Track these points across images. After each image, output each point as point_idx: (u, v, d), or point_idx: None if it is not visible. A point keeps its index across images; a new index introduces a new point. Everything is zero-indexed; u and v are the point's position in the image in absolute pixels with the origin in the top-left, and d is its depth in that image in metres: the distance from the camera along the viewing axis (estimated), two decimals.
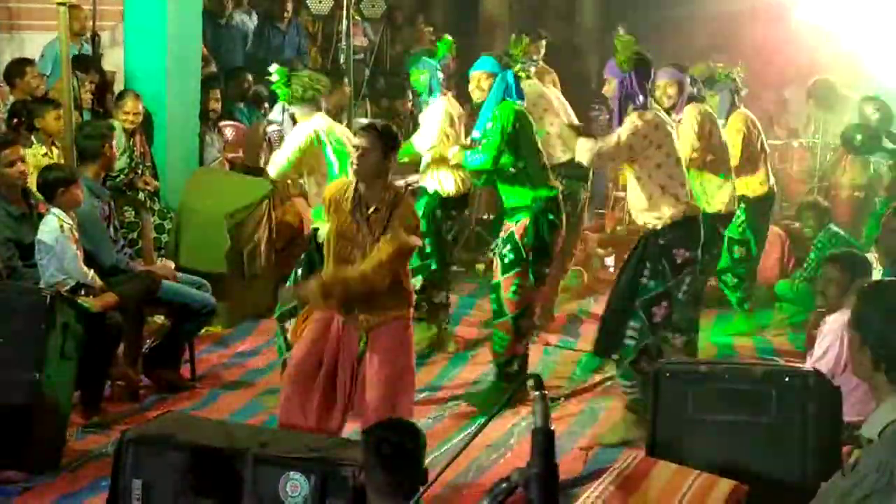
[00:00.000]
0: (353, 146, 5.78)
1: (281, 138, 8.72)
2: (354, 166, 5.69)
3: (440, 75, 8.43)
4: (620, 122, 6.66)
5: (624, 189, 10.16)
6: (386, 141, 5.69)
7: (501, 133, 7.08)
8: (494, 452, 6.54)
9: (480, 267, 10.69)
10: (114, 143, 7.29)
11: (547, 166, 7.41)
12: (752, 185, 8.82)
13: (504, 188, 7.29)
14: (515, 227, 7.19)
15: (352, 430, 5.94)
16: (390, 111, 12.16)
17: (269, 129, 9.53)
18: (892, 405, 3.26)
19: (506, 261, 7.20)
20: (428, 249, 8.21)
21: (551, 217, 7.20)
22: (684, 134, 7.73)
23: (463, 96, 8.46)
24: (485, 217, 11.34)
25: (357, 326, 5.82)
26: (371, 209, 5.69)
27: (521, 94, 7.33)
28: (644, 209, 6.69)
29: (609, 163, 6.80)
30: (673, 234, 6.65)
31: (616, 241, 11.20)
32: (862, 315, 3.35)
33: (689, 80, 7.66)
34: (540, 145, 7.41)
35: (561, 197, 7.34)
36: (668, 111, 7.13)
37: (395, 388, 5.77)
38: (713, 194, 8.06)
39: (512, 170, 7.18)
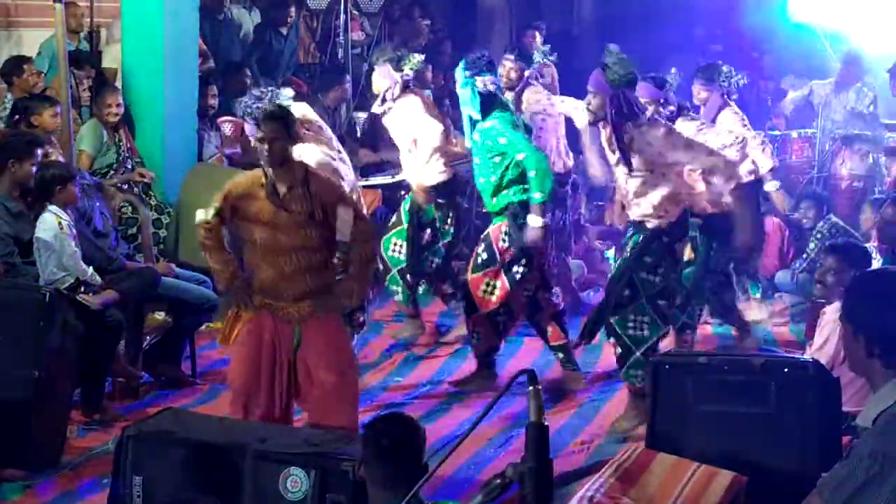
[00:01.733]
0: (259, 137, 5.85)
1: None
2: (265, 155, 5.78)
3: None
4: (619, 138, 6.58)
5: None
6: (290, 126, 5.82)
7: (523, 138, 7.24)
8: (493, 447, 6.55)
9: None
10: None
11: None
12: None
13: (483, 192, 7.47)
14: (492, 229, 7.37)
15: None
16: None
17: None
18: (886, 393, 3.27)
19: (477, 260, 7.39)
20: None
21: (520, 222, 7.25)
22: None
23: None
24: (485, 211, 11.33)
25: (290, 320, 5.89)
26: (285, 190, 5.78)
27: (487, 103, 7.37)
28: (648, 208, 6.69)
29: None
30: (675, 231, 6.73)
31: (616, 234, 11.19)
32: (854, 304, 3.37)
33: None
34: None
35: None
36: None
37: (341, 379, 5.90)
38: None
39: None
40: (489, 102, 7.26)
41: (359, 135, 11.29)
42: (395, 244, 8.41)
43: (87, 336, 6.43)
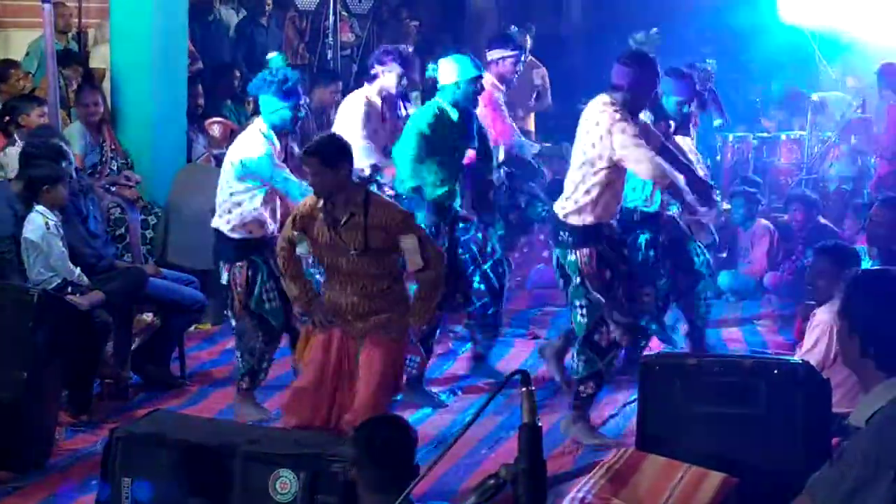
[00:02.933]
0: (306, 170, 5.91)
1: None
2: (313, 189, 5.83)
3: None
4: None
5: None
6: (328, 159, 5.72)
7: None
8: (486, 448, 6.54)
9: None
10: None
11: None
12: None
13: None
14: None
15: None
16: None
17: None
18: (879, 393, 3.27)
19: None
20: None
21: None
22: None
23: None
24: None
25: (355, 335, 5.89)
26: (344, 219, 5.74)
27: None
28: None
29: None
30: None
31: None
32: (851, 303, 3.37)
33: None
34: None
35: None
36: None
37: (381, 387, 5.83)
38: None
39: None
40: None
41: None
42: None
43: (75, 337, 6.41)
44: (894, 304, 3.28)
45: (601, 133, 6.36)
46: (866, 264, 7.00)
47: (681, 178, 6.54)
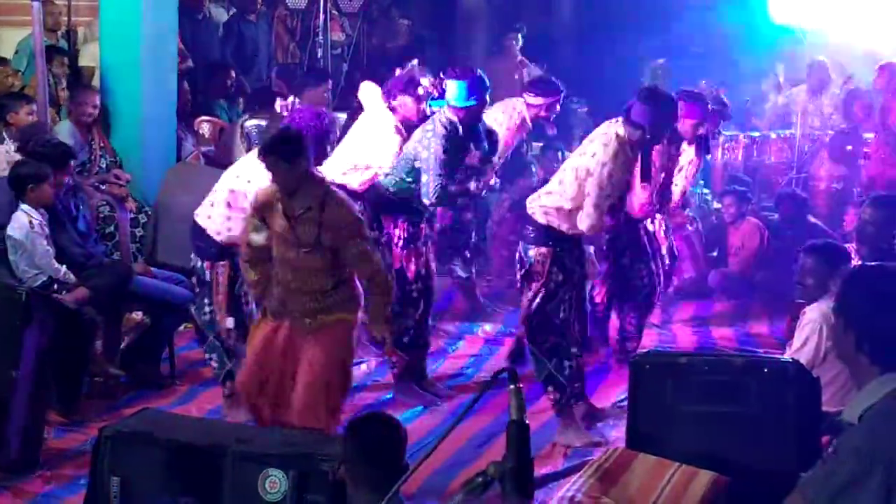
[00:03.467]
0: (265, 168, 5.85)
1: (261, 135, 8.65)
2: (279, 187, 5.81)
3: None
4: None
5: None
6: (285, 154, 5.71)
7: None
8: (475, 446, 6.53)
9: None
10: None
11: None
12: None
13: None
14: None
15: None
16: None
17: (248, 124, 9.47)
18: (873, 390, 3.27)
19: None
20: None
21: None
22: None
23: None
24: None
25: (302, 331, 5.90)
26: (300, 212, 5.75)
27: None
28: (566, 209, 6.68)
29: None
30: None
31: None
32: (846, 299, 3.37)
33: None
34: None
35: None
36: None
37: (322, 388, 5.86)
38: None
39: None
40: None
41: (338, 135, 11.22)
42: None
43: (63, 335, 6.39)
44: (889, 300, 3.28)
45: (593, 164, 6.50)
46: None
47: None
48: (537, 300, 6.68)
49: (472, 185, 7.43)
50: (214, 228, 6.70)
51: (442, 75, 7.48)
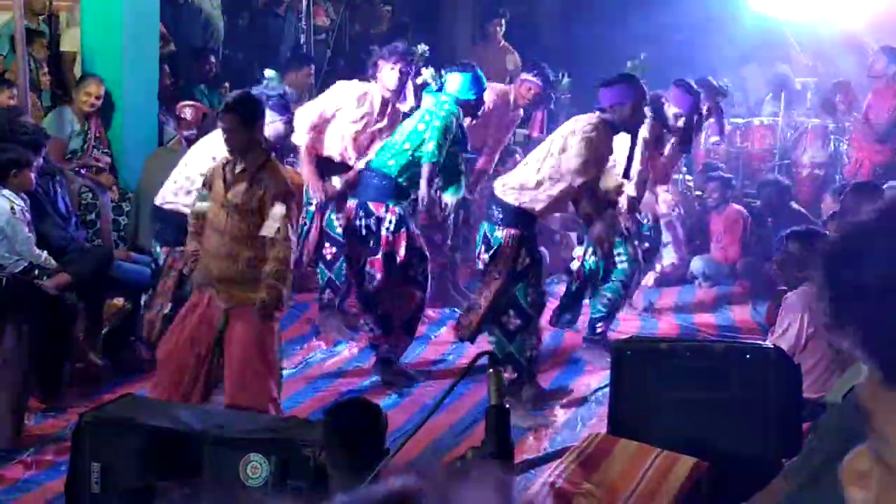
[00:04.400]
0: (220, 126, 6.02)
1: None
2: (227, 145, 5.95)
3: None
4: None
5: None
6: (247, 117, 5.88)
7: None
8: (456, 432, 6.54)
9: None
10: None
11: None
12: None
13: None
14: None
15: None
16: None
17: None
18: (857, 369, 3.28)
19: None
20: None
21: None
22: None
23: None
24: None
25: (221, 303, 5.97)
26: (239, 171, 5.89)
27: None
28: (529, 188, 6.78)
29: None
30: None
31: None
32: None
33: None
34: None
35: None
36: None
37: (250, 369, 5.91)
38: None
39: None
40: None
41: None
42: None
43: (44, 321, 6.37)
44: None
45: (567, 145, 6.65)
46: None
47: None
48: (502, 281, 6.72)
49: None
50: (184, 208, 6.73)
51: (443, 69, 7.56)
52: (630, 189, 7.46)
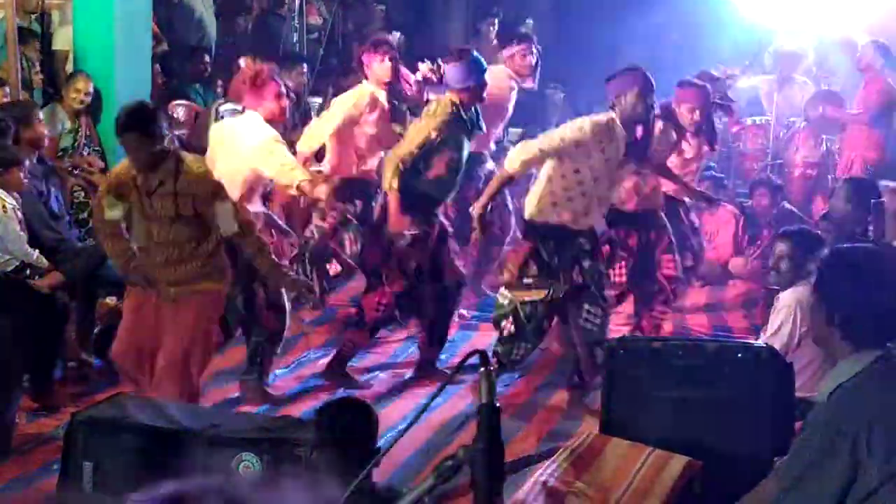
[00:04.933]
0: (123, 145, 5.91)
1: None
2: (133, 163, 5.88)
3: None
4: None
5: None
6: (147, 129, 5.77)
7: None
8: (448, 431, 6.54)
9: None
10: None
11: None
12: None
13: None
14: None
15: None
16: (343, 90, 12.07)
17: (223, 108, 9.42)
18: (842, 369, 3.30)
19: None
20: None
21: None
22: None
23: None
24: None
25: (169, 297, 6.00)
26: (157, 184, 5.82)
27: None
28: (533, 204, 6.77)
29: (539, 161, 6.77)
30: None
31: None
32: (823, 275, 3.42)
33: None
34: None
35: None
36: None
37: (182, 359, 5.97)
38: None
39: None
40: None
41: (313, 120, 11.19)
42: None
43: (35, 320, 6.36)
44: (863, 278, 3.32)
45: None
46: None
47: None
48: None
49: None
50: None
51: (440, 61, 7.54)
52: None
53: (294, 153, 7.41)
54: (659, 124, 7.45)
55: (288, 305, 7.05)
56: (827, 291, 3.37)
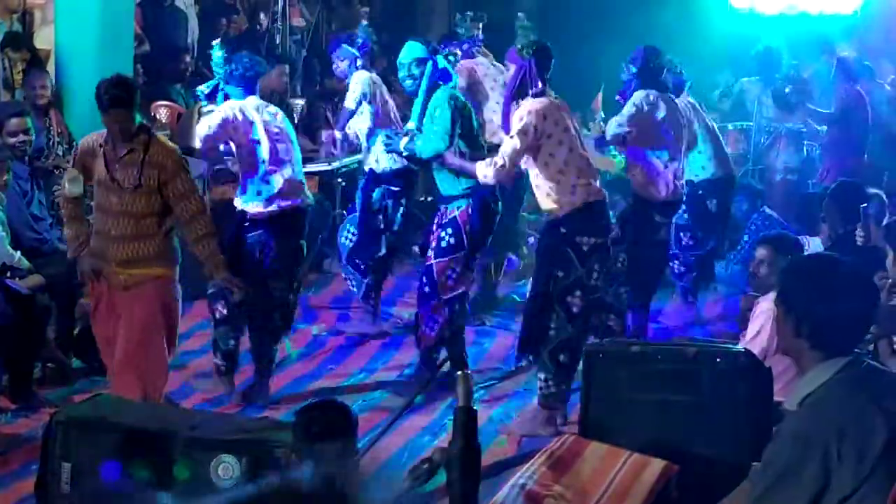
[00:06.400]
0: (105, 121, 5.96)
1: None
2: (122, 137, 5.91)
3: (360, 62, 8.35)
4: (508, 109, 6.60)
5: None
6: (132, 103, 5.89)
7: (451, 116, 6.93)
8: (429, 434, 6.54)
9: (416, 249, 10.63)
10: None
11: (485, 152, 7.17)
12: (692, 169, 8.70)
13: (441, 175, 7.10)
14: (458, 212, 7.03)
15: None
16: (326, 92, 12.09)
17: (205, 109, 9.41)
18: (811, 378, 3.32)
19: (443, 244, 7.03)
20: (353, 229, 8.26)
21: (492, 205, 7.10)
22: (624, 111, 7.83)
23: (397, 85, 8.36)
24: (422, 199, 11.27)
25: (121, 285, 6.00)
26: (123, 153, 5.89)
27: (450, 78, 7.22)
28: (544, 197, 6.64)
29: (514, 166, 6.62)
30: (573, 223, 6.55)
31: None
32: (786, 286, 3.44)
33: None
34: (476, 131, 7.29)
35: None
36: None
37: (139, 350, 5.98)
38: (653, 181, 7.86)
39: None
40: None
41: (296, 122, 11.19)
42: (349, 231, 8.38)
43: (15, 321, 6.34)
44: (826, 283, 3.34)
45: None
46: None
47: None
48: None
49: None
50: None
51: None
52: None
53: None
54: None
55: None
56: (792, 303, 3.38)
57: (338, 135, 8.83)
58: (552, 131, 6.52)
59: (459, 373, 2.35)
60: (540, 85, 6.59)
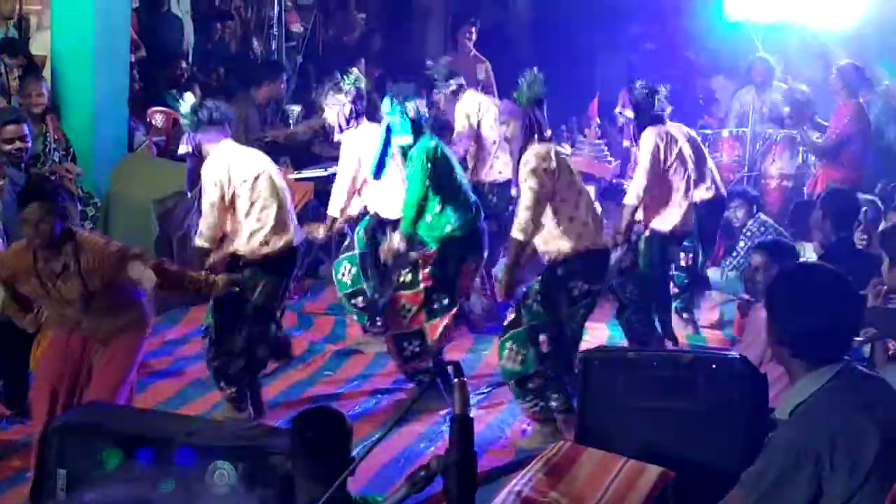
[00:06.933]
0: (24, 218, 5.55)
1: None
2: (35, 240, 5.54)
3: (350, 108, 7.88)
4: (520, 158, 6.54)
5: None
6: (57, 204, 5.54)
7: (421, 169, 6.96)
8: (426, 441, 6.53)
9: None
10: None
11: (467, 199, 7.21)
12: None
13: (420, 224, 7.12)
14: (426, 253, 7.10)
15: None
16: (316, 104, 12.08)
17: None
18: (802, 387, 3.32)
19: (403, 280, 7.14)
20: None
21: (460, 254, 7.14)
22: (641, 160, 7.88)
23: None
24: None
25: (97, 340, 5.81)
26: (59, 269, 5.58)
27: (417, 128, 7.13)
28: (544, 240, 6.57)
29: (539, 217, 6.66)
30: (570, 267, 6.49)
31: None
32: (771, 295, 3.45)
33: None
34: (460, 177, 7.29)
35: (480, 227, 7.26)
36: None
37: (117, 383, 5.79)
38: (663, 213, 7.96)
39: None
40: (416, 128, 7.11)
41: (291, 127, 11.19)
42: (346, 268, 8.11)
43: (8, 327, 6.34)
44: (802, 293, 3.35)
45: None
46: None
47: None
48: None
49: None
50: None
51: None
52: None
53: (267, 153, 7.34)
54: None
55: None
56: (775, 312, 3.39)
57: None
58: (559, 176, 6.51)
59: (455, 380, 2.36)
60: (547, 133, 6.69)
